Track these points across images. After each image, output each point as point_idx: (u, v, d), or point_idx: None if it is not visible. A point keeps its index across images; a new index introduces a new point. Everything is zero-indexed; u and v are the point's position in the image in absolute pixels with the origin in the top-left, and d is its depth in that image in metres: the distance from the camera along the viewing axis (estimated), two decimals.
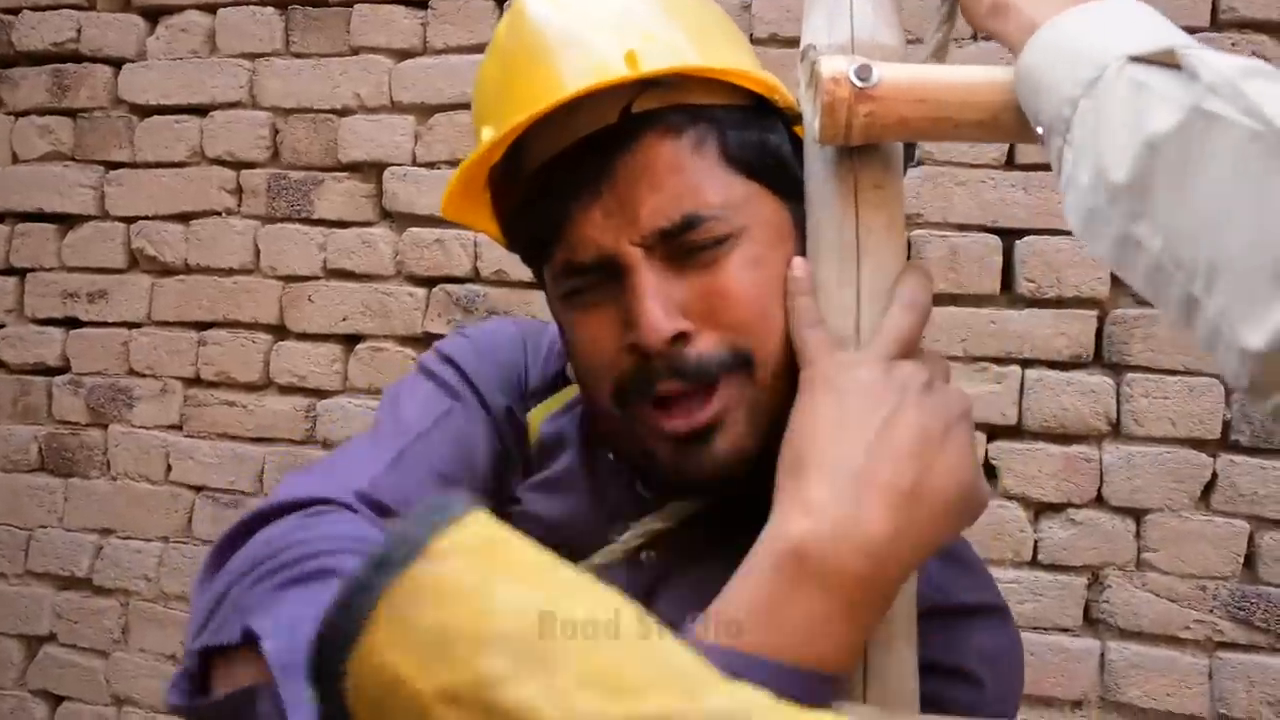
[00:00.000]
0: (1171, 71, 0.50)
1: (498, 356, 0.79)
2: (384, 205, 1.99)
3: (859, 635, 0.57)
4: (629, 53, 0.63)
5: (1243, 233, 0.46)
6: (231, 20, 2.07)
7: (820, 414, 0.59)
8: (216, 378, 2.05)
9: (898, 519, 0.56)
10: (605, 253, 0.65)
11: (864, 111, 0.60)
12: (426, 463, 0.70)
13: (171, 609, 2.05)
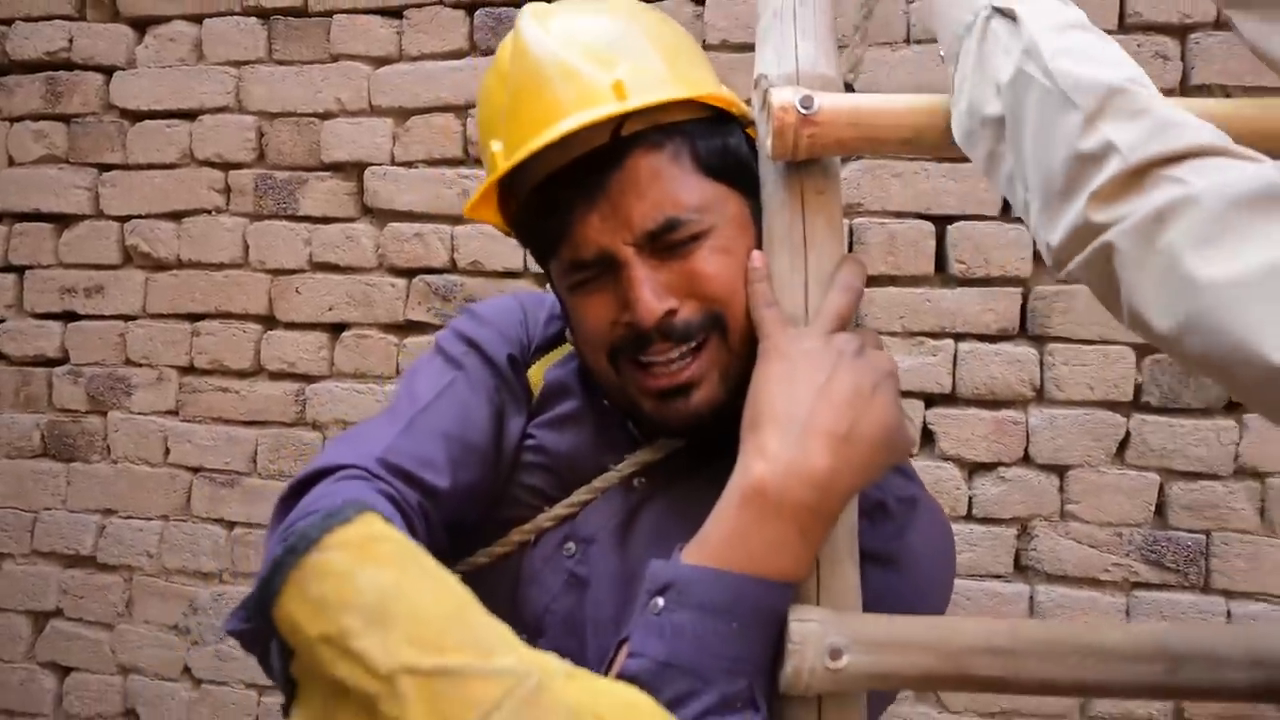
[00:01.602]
0: (1013, 24, 0.61)
1: (498, 322, 0.89)
2: (365, 202, 2.05)
3: (811, 551, 0.68)
4: (616, 83, 0.72)
5: (1042, 164, 0.58)
6: (217, 30, 2.11)
7: (773, 378, 0.70)
8: (210, 365, 2.11)
9: (836, 458, 0.67)
10: (604, 251, 0.75)
11: (807, 134, 0.70)
12: (433, 426, 0.80)
13: (172, 582, 2.10)
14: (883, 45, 1.85)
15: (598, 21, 0.78)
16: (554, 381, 0.86)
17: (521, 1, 1.98)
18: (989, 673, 0.68)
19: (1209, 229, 0.49)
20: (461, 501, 0.79)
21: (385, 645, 0.52)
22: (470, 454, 0.80)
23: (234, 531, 2.09)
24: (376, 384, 2.04)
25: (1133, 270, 0.53)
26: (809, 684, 0.66)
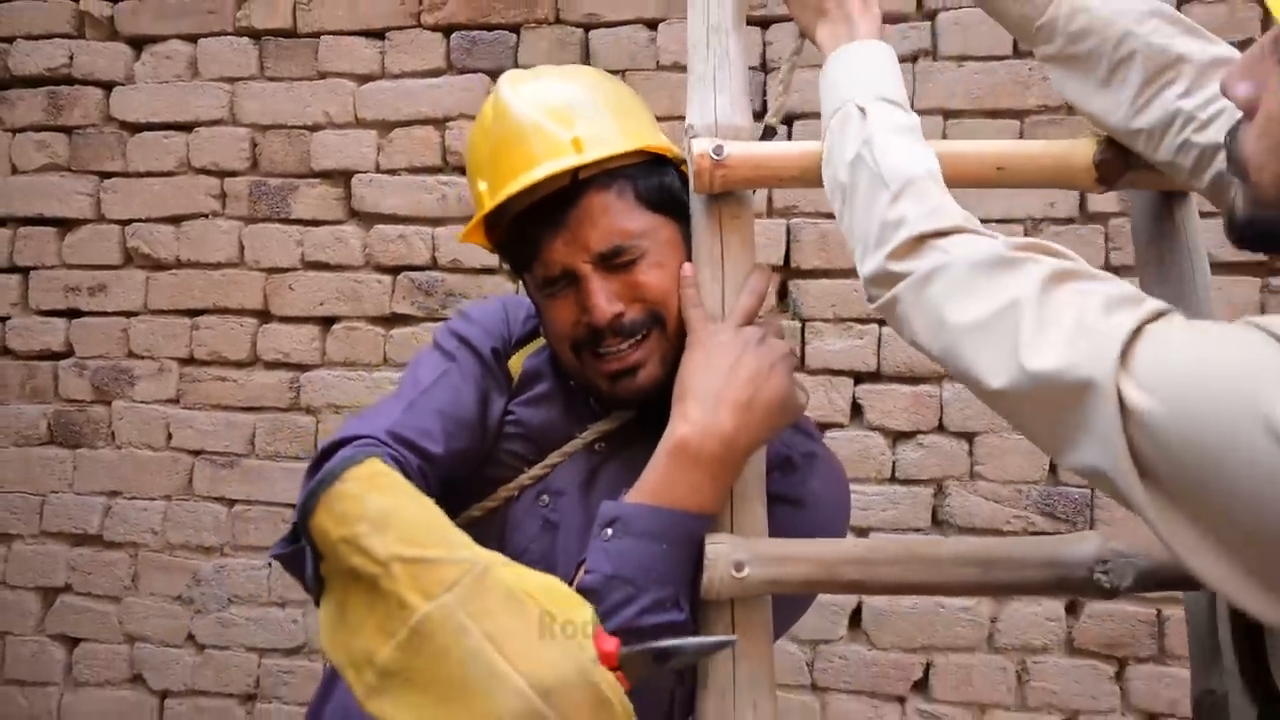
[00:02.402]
0: (862, 118, 0.83)
1: (484, 321, 1.10)
2: (353, 206, 2.22)
3: (722, 491, 0.91)
4: (575, 139, 0.95)
5: (864, 223, 0.80)
6: (211, 49, 2.26)
7: (695, 362, 0.93)
8: (209, 357, 2.26)
9: (740, 421, 0.89)
10: (567, 268, 0.96)
11: (720, 174, 0.93)
12: (431, 405, 1.00)
13: (176, 556, 2.25)
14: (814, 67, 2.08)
15: (562, 88, 1.00)
16: (530, 368, 1.07)
17: (492, 25, 2.18)
18: (853, 577, 0.91)
19: (956, 286, 0.71)
20: (454, 463, 0.98)
21: (384, 543, 0.80)
22: (461, 427, 1.00)
23: (234, 509, 2.25)
24: (365, 371, 2.22)
25: (911, 310, 0.75)
26: (720, 591, 0.89)
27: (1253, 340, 0.57)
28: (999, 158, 0.96)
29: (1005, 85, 2.02)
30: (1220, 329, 0.61)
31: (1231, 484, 0.56)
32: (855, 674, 2.05)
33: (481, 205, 0.99)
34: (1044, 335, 0.64)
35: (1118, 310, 0.63)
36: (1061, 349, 0.63)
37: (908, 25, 2.06)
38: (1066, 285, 0.67)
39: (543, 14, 2.16)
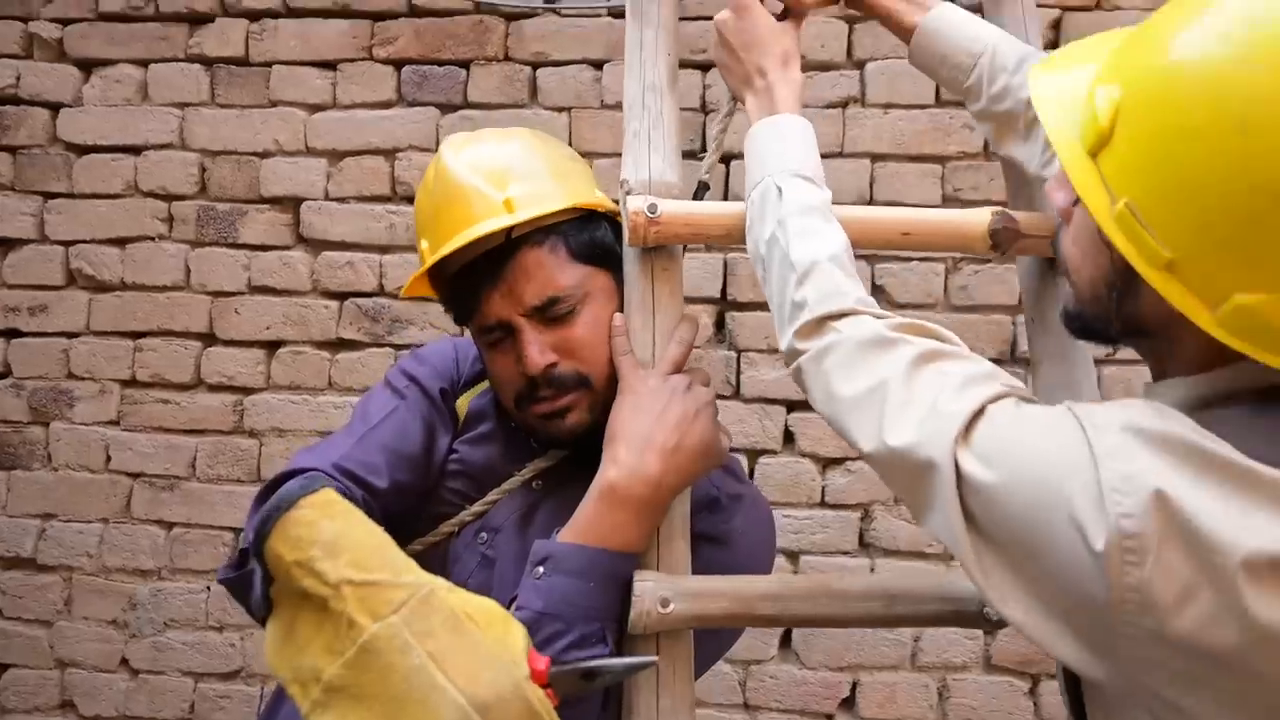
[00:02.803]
0: (779, 197, 0.90)
1: (434, 362, 1.15)
2: (301, 233, 2.24)
3: (649, 531, 0.96)
4: (507, 200, 1.00)
5: (776, 299, 0.88)
6: (162, 74, 2.27)
7: (625, 407, 0.99)
8: (151, 379, 2.24)
9: (665, 464, 0.94)
10: (504, 320, 1.01)
11: (654, 230, 0.99)
12: (378, 441, 1.05)
13: (112, 580, 2.22)
14: None
15: (498, 150, 1.06)
16: (475, 409, 1.12)
17: (443, 60, 2.24)
18: (768, 612, 0.97)
19: (844, 363, 0.79)
20: (398, 497, 1.03)
21: (335, 567, 0.85)
22: (406, 462, 1.04)
23: (173, 531, 2.23)
24: (310, 395, 2.23)
25: (812, 382, 0.83)
26: (646, 625, 0.94)
27: (1068, 430, 0.63)
28: (905, 224, 1.04)
29: (928, 132, 2.14)
30: (1048, 415, 0.67)
31: (1048, 555, 0.62)
32: (786, 693, 2.11)
33: (423, 262, 1.05)
34: (903, 414, 0.72)
35: (969, 390, 0.70)
36: (913, 428, 0.70)
37: (838, 73, 2.17)
38: (931, 366, 0.74)
39: (492, 51, 2.23)
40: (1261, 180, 0.57)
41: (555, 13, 2.21)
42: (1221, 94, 0.58)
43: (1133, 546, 0.58)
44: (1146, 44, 0.66)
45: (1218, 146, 0.58)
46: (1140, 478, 0.59)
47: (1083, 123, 0.67)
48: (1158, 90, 0.63)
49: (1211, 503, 0.58)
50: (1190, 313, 0.63)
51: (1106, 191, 0.66)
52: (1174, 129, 0.61)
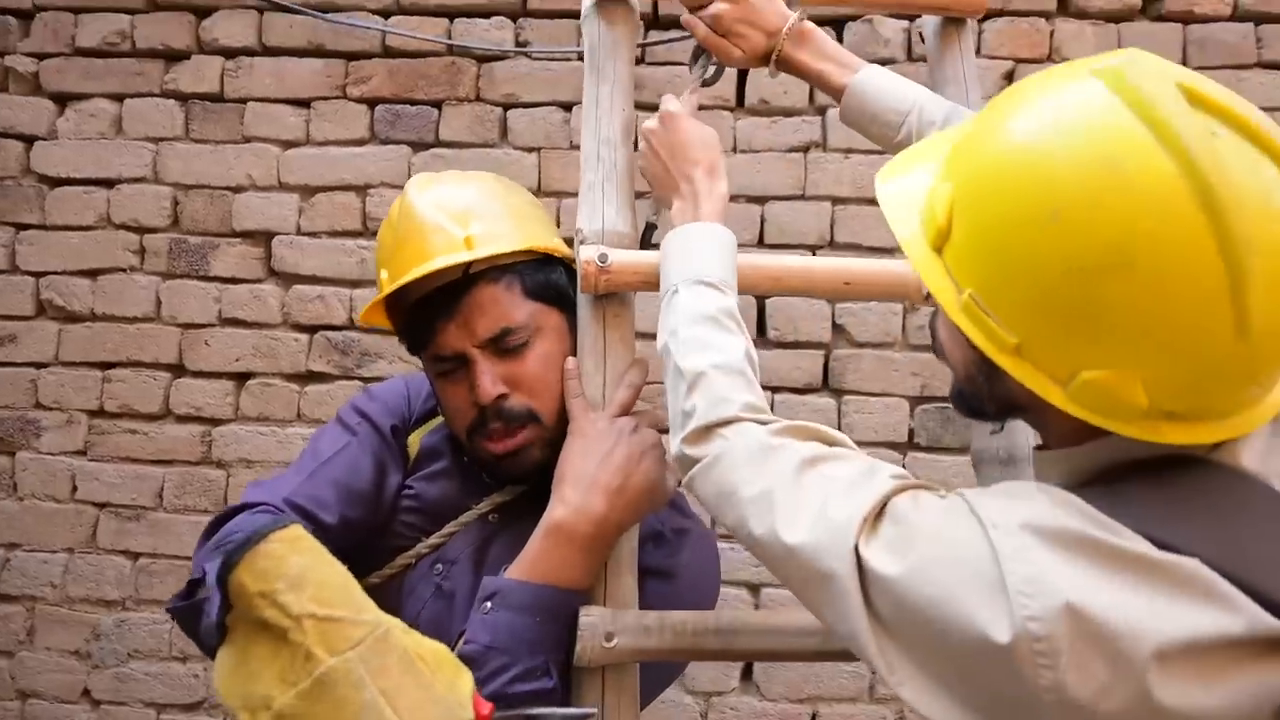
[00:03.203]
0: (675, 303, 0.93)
1: (386, 400, 1.18)
2: (273, 266, 2.26)
3: (594, 568, 0.99)
4: (467, 237, 1.05)
5: (672, 406, 0.89)
6: (137, 109, 2.29)
7: (574, 448, 1.02)
8: (120, 410, 2.25)
9: (610, 503, 0.98)
10: (458, 352, 1.05)
11: (604, 279, 1.04)
12: (328, 476, 1.08)
13: (75, 610, 2.21)
14: None
15: (462, 191, 1.11)
16: (428, 446, 1.15)
17: (415, 100, 2.27)
18: (713, 647, 1.00)
19: (733, 471, 0.80)
20: (347, 533, 1.05)
21: (298, 600, 0.87)
22: (356, 498, 1.07)
23: (138, 562, 2.22)
24: (278, 427, 2.24)
25: (704, 489, 0.84)
26: (591, 659, 0.97)
27: (967, 526, 0.64)
28: (846, 274, 1.09)
29: None
30: (946, 508, 0.68)
31: (955, 648, 0.63)
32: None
33: (381, 290, 1.08)
34: (795, 518, 0.73)
35: (858, 490, 0.71)
36: (805, 531, 0.72)
37: (801, 119, 2.23)
38: (814, 470, 0.76)
39: (464, 92, 2.27)
40: (1077, 263, 0.60)
41: (526, 56, 2.26)
42: (1035, 187, 0.62)
43: (1044, 650, 0.59)
44: (972, 144, 0.69)
45: (1037, 235, 0.62)
46: (1047, 580, 0.60)
47: (924, 220, 0.71)
48: (982, 186, 0.66)
49: (1117, 598, 0.59)
50: (1044, 392, 0.65)
51: (952, 283, 0.69)
52: (998, 221, 0.65)
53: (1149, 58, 0.65)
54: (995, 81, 2.22)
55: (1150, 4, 2.23)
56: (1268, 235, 0.58)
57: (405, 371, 2.18)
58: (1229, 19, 2.20)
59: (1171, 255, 0.58)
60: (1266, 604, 0.59)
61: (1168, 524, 0.62)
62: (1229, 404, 0.64)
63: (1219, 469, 0.66)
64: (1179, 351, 0.60)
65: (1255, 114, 0.62)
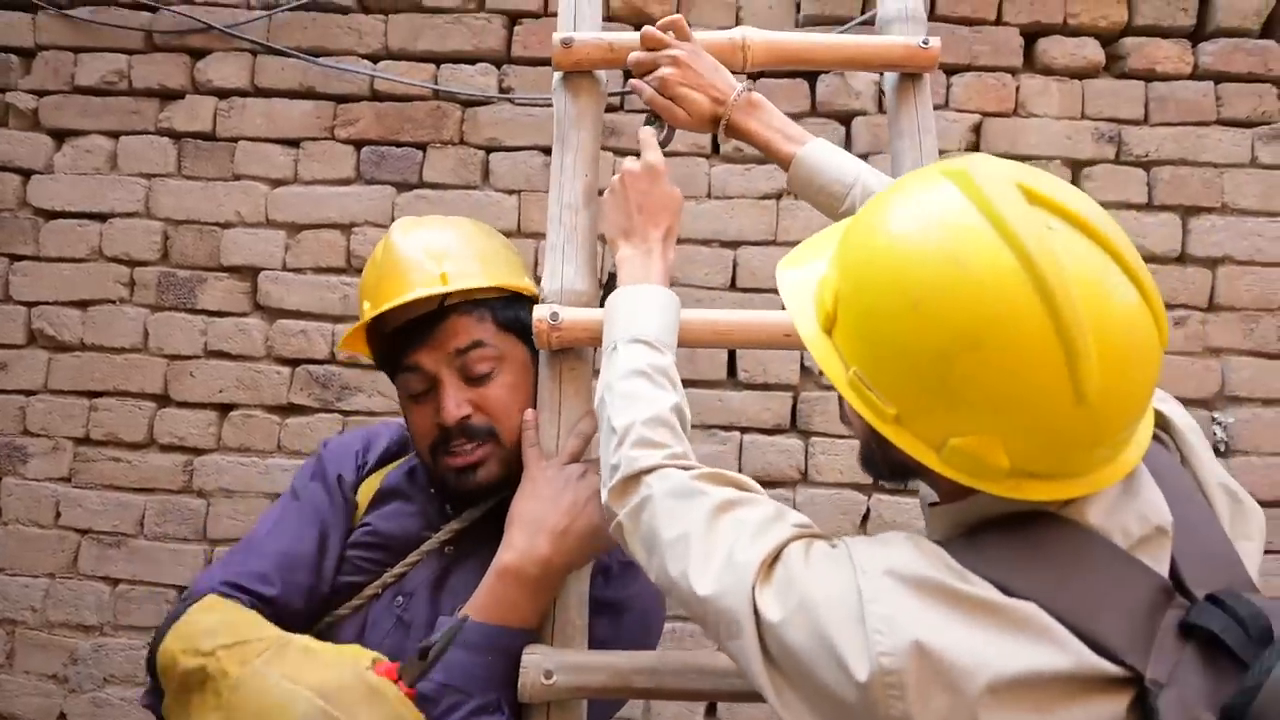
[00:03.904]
0: (613, 358, 0.97)
1: (337, 449, 1.24)
2: (258, 300, 2.31)
3: (541, 608, 1.04)
4: (443, 274, 1.11)
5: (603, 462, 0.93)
6: (131, 146, 2.35)
7: (525, 493, 1.07)
8: (105, 438, 2.29)
9: (555, 546, 1.03)
10: (429, 375, 1.12)
11: (556, 336, 1.09)
12: (271, 548, 1.12)
13: (55, 635, 2.24)
14: (688, 198, 2.30)
15: (440, 234, 1.18)
16: (389, 484, 1.21)
17: (401, 142, 2.32)
18: (644, 685, 1.04)
19: (655, 515, 0.85)
20: (293, 595, 1.10)
21: (212, 640, 0.97)
22: (297, 561, 1.11)
23: (118, 588, 2.26)
24: (259, 458, 2.28)
25: (630, 536, 0.88)
26: (532, 695, 1.01)
27: (842, 571, 0.71)
28: (786, 328, 1.13)
29: None
30: (829, 555, 0.74)
31: (826, 686, 0.69)
32: None
33: (363, 318, 1.15)
34: (705, 565, 0.78)
35: (762, 536, 0.77)
36: (713, 579, 0.77)
37: (773, 167, 2.28)
38: (727, 515, 0.81)
39: (448, 135, 2.33)
40: (935, 346, 0.67)
41: (509, 101, 2.32)
42: (898, 280, 0.69)
43: (893, 682, 0.65)
44: (851, 238, 0.77)
45: (902, 322, 0.69)
46: (899, 620, 0.66)
47: (817, 304, 0.79)
48: (858, 278, 0.74)
49: (958, 637, 0.65)
50: (921, 457, 0.71)
51: (841, 361, 0.76)
52: (871, 310, 0.72)
53: (994, 161, 0.73)
54: (963, 134, 2.28)
55: (1113, 61, 2.29)
56: (1098, 315, 0.65)
57: (384, 405, 2.23)
58: (1189, 77, 2.26)
59: (1013, 336, 0.65)
60: (1094, 645, 0.65)
61: (1013, 572, 0.68)
62: (1081, 464, 0.70)
63: (1065, 524, 0.71)
64: (1028, 418, 0.67)
65: (1088, 207, 0.69)
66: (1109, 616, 0.67)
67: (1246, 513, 0.81)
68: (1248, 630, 0.64)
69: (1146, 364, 0.68)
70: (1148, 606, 0.68)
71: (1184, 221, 2.25)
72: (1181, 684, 0.64)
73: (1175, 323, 2.22)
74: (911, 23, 1.33)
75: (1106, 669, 0.65)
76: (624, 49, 1.20)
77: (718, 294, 2.26)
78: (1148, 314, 0.67)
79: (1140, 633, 0.67)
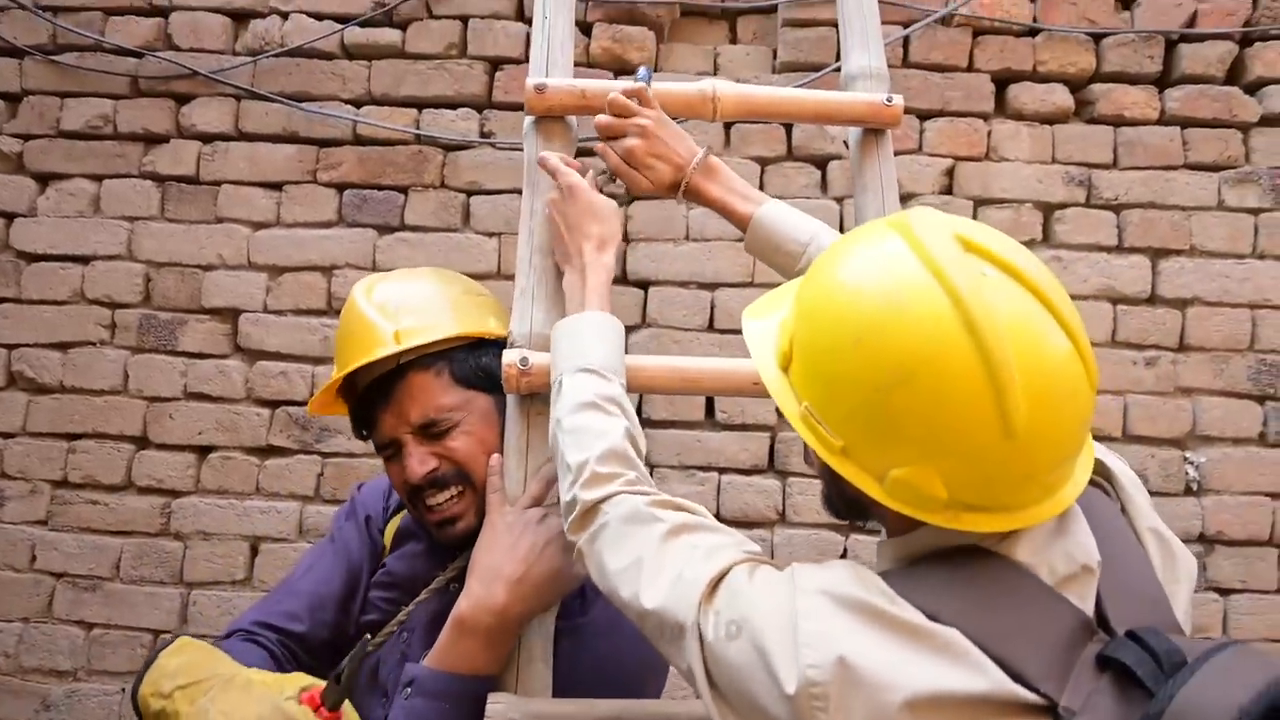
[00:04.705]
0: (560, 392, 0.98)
1: (367, 494, 1.30)
2: (238, 343, 2.31)
3: (498, 656, 1.04)
4: (396, 332, 1.12)
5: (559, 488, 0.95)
6: (115, 189, 2.36)
7: (484, 541, 1.07)
8: (83, 480, 2.27)
9: (512, 594, 1.03)
10: (393, 438, 1.14)
11: (525, 380, 1.08)
12: (303, 588, 1.22)
13: (27, 680, 2.21)
14: (666, 240, 2.32)
15: (400, 288, 1.19)
16: (403, 527, 1.25)
17: (383, 185, 2.33)
18: None
19: (612, 540, 0.87)
20: (323, 629, 1.18)
21: (172, 682, 1.02)
22: (326, 600, 1.20)
23: (92, 632, 2.23)
24: (237, 500, 2.27)
25: (590, 562, 0.90)
26: None
27: (782, 590, 0.74)
28: (756, 375, 1.13)
29: None
30: (772, 577, 0.77)
31: (758, 701, 0.72)
32: None
33: (330, 383, 1.17)
34: (655, 581, 0.81)
35: (712, 558, 0.80)
36: (664, 593, 0.80)
37: None
38: (680, 539, 0.84)
39: (429, 179, 2.35)
40: (874, 381, 0.71)
41: (490, 145, 2.34)
42: (843, 320, 0.74)
43: (819, 694, 0.68)
44: (806, 286, 0.82)
45: (846, 359, 0.73)
46: (827, 636, 0.70)
47: (777, 346, 0.83)
48: (811, 320, 0.78)
49: (881, 654, 0.68)
50: (866, 488, 0.74)
51: (795, 397, 0.79)
52: (821, 346, 0.76)
53: (934, 213, 0.77)
54: (935, 178, 2.30)
55: (1082, 107, 2.33)
56: (1026, 355, 0.69)
57: (362, 448, 2.22)
58: (1157, 122, 2.30)
59: (944, 371, 0.69)
60: (1012, 673, 0.68)
61: (941, 600, 0.71)
62: (1015, 498, 0.73)
63: (995, 558, 0.74)
64: (960, 450, 0.70)
65: (1023, 259, 0.73)
66: (1029, 646, 0.70)
67: (1176, 559, 0.83)
68: (1161, 664, 0.66)
69: (1075, 404, 0.71)
70: (1068, 639, 0.71)
71: (1153, 263, 2.27)
72: (1093, 711, 0.66)
73: (1146, 363, 2.24)
74: (875, 80, 1.34)
75: (1023, 695, 0.68)
76: (596, 96, 1.21)
77: (695, 335, 2.27)
78: (1077, 358, 0.71)
79: (1058, 663, 0.69)
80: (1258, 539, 2.20)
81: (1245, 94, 2.29)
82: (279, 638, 1.15)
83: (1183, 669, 0.65)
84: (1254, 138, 2.28)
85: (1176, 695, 0.63)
